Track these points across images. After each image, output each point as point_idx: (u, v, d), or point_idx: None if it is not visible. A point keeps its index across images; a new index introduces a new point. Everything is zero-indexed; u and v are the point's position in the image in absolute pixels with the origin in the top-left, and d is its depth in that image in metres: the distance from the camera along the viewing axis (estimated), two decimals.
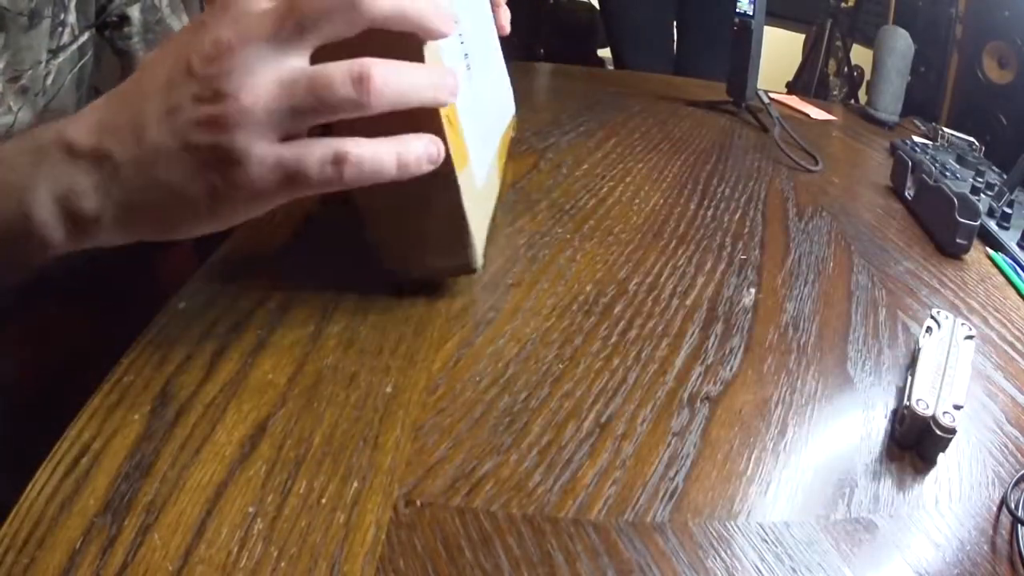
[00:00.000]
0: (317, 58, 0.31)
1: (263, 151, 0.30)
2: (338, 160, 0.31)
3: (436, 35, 0.34)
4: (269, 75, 0.30)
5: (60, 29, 0.60)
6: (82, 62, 0.66)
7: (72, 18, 0.62)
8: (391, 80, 0.31)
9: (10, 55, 0.55)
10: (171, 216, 0.31)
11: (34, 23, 0.55)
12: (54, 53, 0.61)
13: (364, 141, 0.32)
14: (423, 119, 0.35)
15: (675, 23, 1.74)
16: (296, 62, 0.30)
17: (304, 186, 0.31)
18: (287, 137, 0.31)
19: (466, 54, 0.45)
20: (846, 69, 1.80)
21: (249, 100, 0.29)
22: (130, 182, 0.30)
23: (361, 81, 0.30)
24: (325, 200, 0.52)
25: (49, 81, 0.61)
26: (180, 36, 0.31)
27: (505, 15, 0.58)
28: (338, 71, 0.30)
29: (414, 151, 0.33)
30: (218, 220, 0.32)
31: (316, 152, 0.31)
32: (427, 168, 0.34)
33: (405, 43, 0.33)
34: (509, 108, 0.62)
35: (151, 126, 0.30)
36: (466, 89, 0.43)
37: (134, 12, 0.71)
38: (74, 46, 0.64)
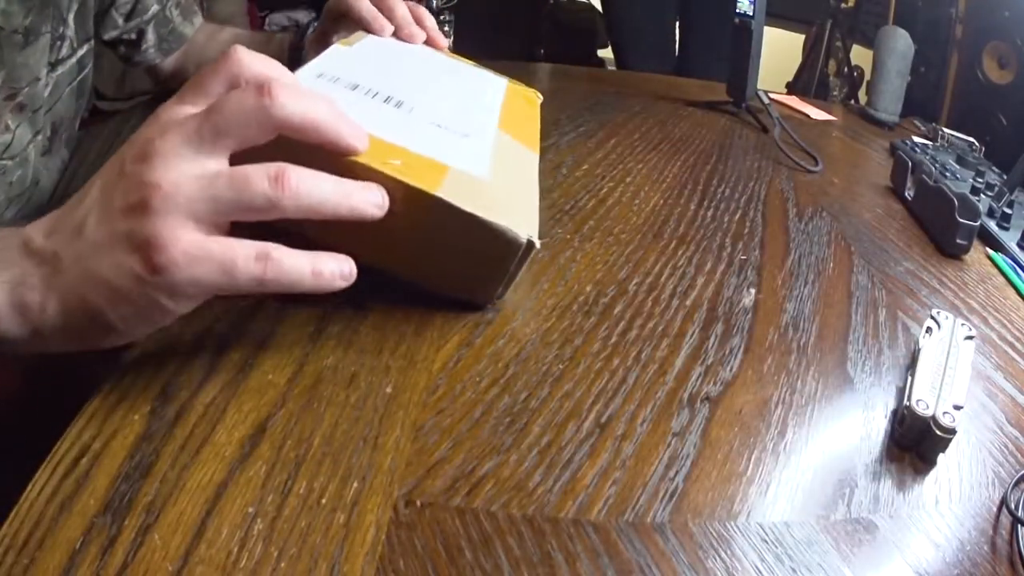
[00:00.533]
0: (246, 161, 0.33)
1: (185, 237, 0.31)
2: (260, 257, 0.32)
3: (348, 151, 0.36)
4: (190, 169, 0.31)
5: (59, 43, 0.60)
6: (82, 75, 0.66)
7: (71, 32, 0.62)
8: (305, 183, 0.33)
9: (6, 73, 0.54)
10: (106, 313, 0.32)
11: (30, 40, 0.55)
12: (53, 66, 0.61)
13: (285, 248, 0.33)
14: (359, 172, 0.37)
15: (677, 25, 1.74)
16: (214, 164, 0.32)
17: (228, 277, 0.32)
18: (210, 231, 0.32)
19: (388, 98, 0.46)
20: (846, 69, 1.80)
21: (171, 188, 0.31)
22: (70, 273, 0.32)
23: (277, 179, 0.32)
24: None
25: (47, 93, 0.61)
26: (122, 148, 0.34)
27: (435, 35, 0.62)
28: (256, 169, 0.32)
29: (327, 268, 0.35)
30: (158, 315, 0.33)
31: (241, 247, 0.32)
32: (340, 284, 0.35)
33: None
34: (492, 87, 0.61)
35: (89, 223, 0.32)
36: (404, 122, 0.44)
37: (149, 29, 0.71)
38: (73, 59, 0.63)
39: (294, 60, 0.70)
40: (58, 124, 0.65)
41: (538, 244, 0.41)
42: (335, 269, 0.35)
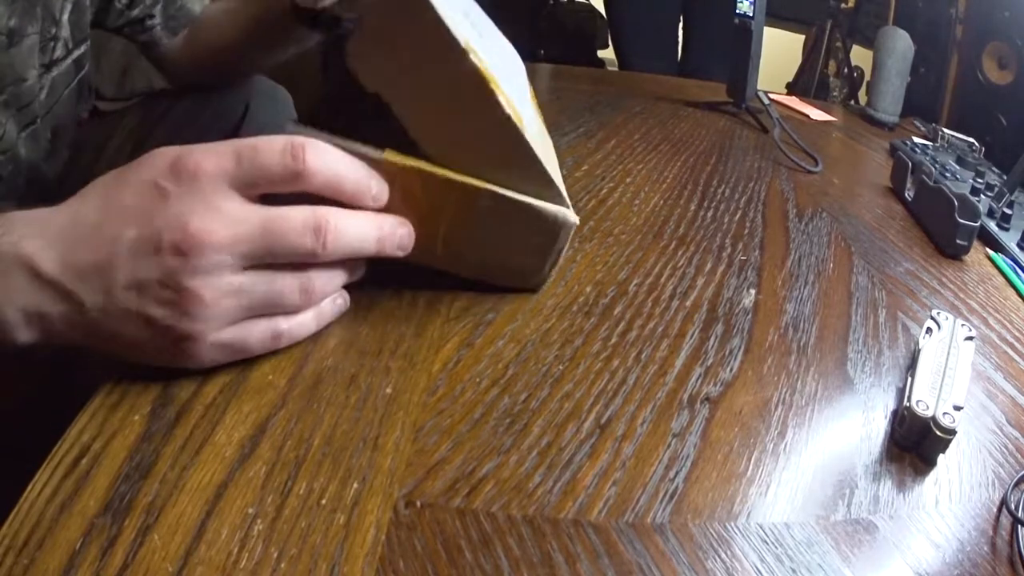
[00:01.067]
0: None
1: (212, 338, 0.34)
2: (275, 336, 0.36)
3: (368, 206, 0.38)
4: (228, 278, 0.33)
5: (52, 44, 0.60)
6: (80, 75, 0.66)
7: (65, 32, 0.61)
8: (326, 289, 0.38)
9: None
10: (131, 353, 0.34)
11: (15, 42, 0.55)
12: (47, 68, 0.60)
13: (294, 319, 0.37)
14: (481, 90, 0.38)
15: (680, 27, 1.74)
16: (252, 276, 0.34)
17: (243, 355, 0.36)
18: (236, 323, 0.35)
19: (466, 13, 0.45)
20: (846, 70, 1.80)
21: (210, 298, 0.33)
22: (95, 325, 0.33)
23: (306, 292, 0.36)
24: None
25: (43, 95, 0.61)
26: (144, 190, 0.33)
27: None
28: (289, 284, 0.36)
29: (328, 310, 0.39)
30: (168, 363, 0.35)
31: (256, 333, 0.36)
32: (337, 315, 0.40)
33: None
34: (519, 63, 0.60)
35: (118, 288, 0.32)
36: (488, 49, 0.43)
37: (156, 10, 0.70)
38: (68, 60, 0.63)
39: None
40: (59, 127, 0.65)
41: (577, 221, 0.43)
42: (333, 308, 0.39)
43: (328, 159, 0.35)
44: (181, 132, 0.74)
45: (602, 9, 2.01)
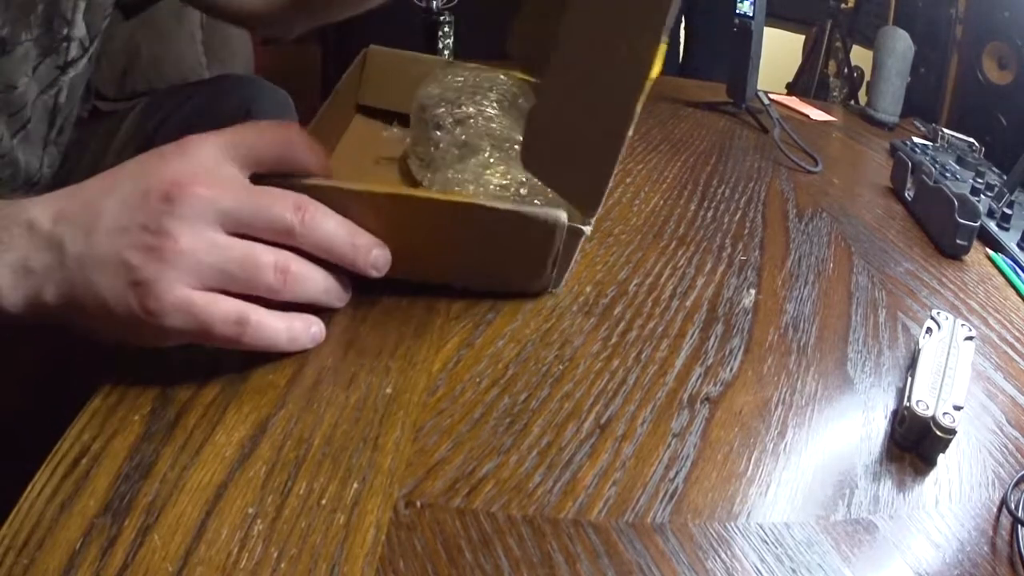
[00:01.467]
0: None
1: (179, 292, 0.33)
2: (240, 321, 0.34)
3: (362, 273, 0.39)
4: (210, 235, 0.34)
5: (66, 45, 0.60)
6: (91, 73, 0.66)
7: (80, 32, 0.61)
8: (303, 281, 0.37)
9: None
10: (96, 320, 0.33)
11: (7, 50, 0.55)
12: (63, 69, 0.60)
13: (264, 311, 0.35)
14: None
15: (682, 29, 1.74)
16: (233, 240, 0.35)
17: (206, 335, 0.34)
18: (205, 289, 0.34)
19: None
20: (846, 70, 1.80)
21: (187, 247, 0.33)
22: (71, 274, 0.33)
23: (283, 272, 0.35)
24: None
25: (63, 98, 0.61)
26: (145, 159, 0.35)
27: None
28: (266, 255, 0.35)
29: (300, 331, 0.38)
30: (136, 339, 0.34)
31: (222, 307, 0.34)
32: (310, 345, 0.38)
33: None
34: None
35: (100, 232, 0.33)
36: None
37: None
38: (84, 59, 0.63)
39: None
40: (64, 124, 0.65)
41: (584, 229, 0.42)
42: (308, 332, 0.38)
43: (328, 225, 0.37)
44: (182, 134, 0.74)
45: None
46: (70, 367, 0.49)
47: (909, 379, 0.39)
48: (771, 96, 0.94)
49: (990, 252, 0.62)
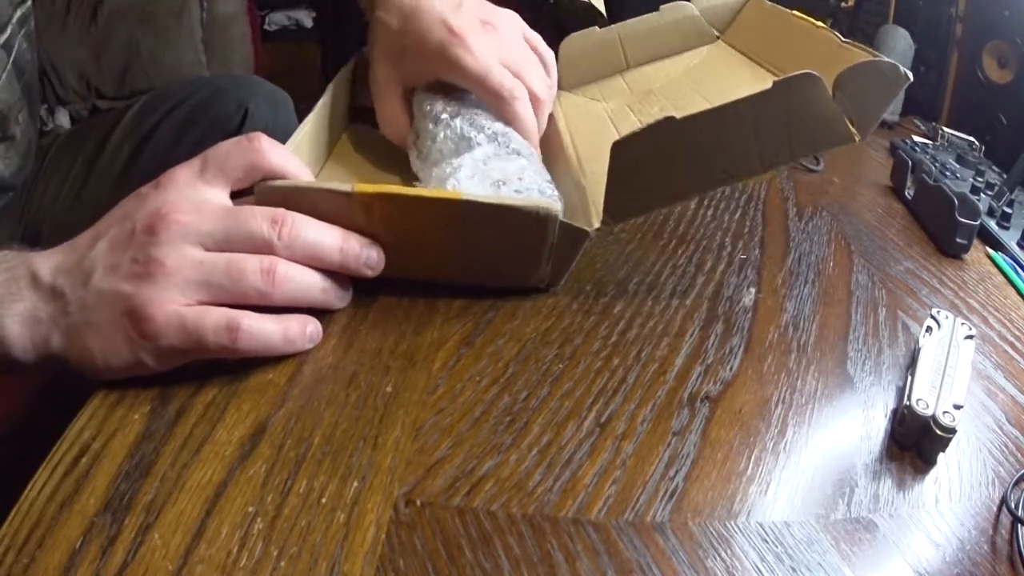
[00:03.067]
0: None
1: (169, 309, 0.34)
2: (231, 328, 0.35)
3: (356, 275, 0.41)
4: (193, 254, 0.36)
5: None
6: (12, 56, 0.64)
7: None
8: (292, 280, 0.37)
9: None
10: (99, 358, 0.35)
11: None
12: None
13: (256, 316, 0.36)
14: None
15: None
16: (214, 256, 0.36)
17: (201, 348, 0.35)
18: (196, 304, 0.35)
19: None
20: None
21: (173, 268, 0.35)
22: (74, 317, 0.35)
23: (268, 273, 0.36)
24: None
25: None
26: (126, 203, 0.38)
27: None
28: (251, 262, 0.36)
29: (296, 332, 0.38)
30: (139, 368, 0.35)
31: (212, 317, 0.35)
32: (309, 345, 0.39)
33: None
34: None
35: (96, 274, 0.35)
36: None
37: None
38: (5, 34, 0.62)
39: None
40: (4, 109, 0.64)
41: (561, 215, 0.42)
42: (303, 332, 0.38)
43: (310, 235, 0.38)
44: (181, 134, 0.74)
45: (602, 8, 2.01)
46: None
47: (909, 378, 0.39)
48: None
49: (990, 251, 0.62)
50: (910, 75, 0.44)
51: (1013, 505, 0.34)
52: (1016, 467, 0.37)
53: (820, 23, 0.56)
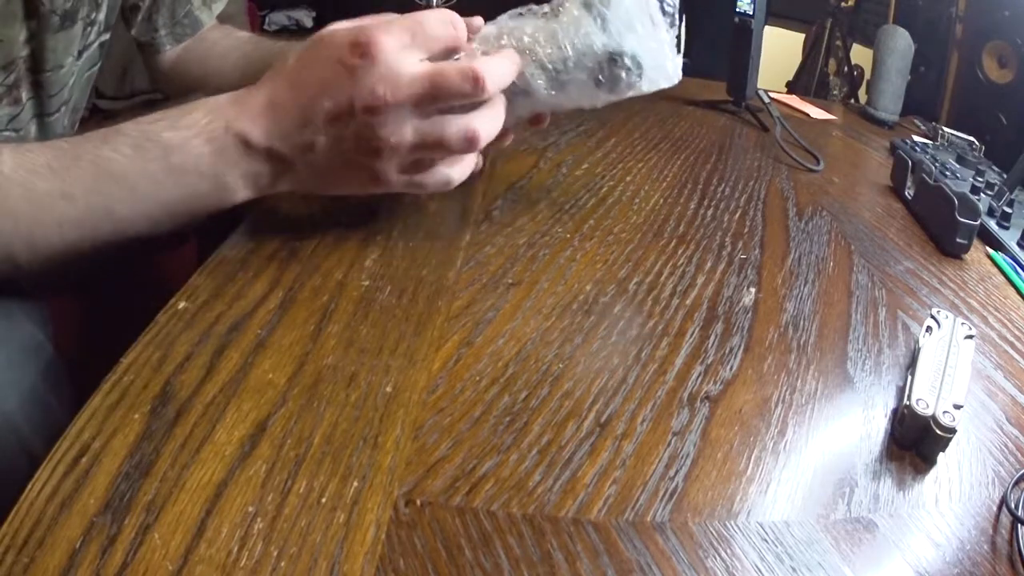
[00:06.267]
0: None
1: (399, 160, 0.44)
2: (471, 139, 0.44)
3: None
4: (413, 127, 0.42)
5: (89, 29, 0.59)
6: (95, 67, 0.65)
7: (102, 16, 0.60)
8: (493, 77, 0.43)
9: (36, 46, 0.53)
10: (337, 185, 0.46)
11: (65, 26, 0.54)
12: (79, 54, 0.60)
13: (457, 161, 0.47)
14: None
15: (683, 28, 1.74)
16: (428, 121, 0.43)
17: (424, 181, 0.46)
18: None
19: None
20: (846, 69, 1.80)
21: (397, 145, 0.43)
22: (303, 173, 0.44)
23: (476, 79, 0.42)
24: (326, 201, 0.52)
25: (71, 81, 0.60)
26: (333, 71, 0.42)
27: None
28: (453, 128, 0.43)
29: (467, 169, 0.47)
30: (374, 189, 0.46)
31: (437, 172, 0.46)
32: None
33: None
34: None
35: (319, 146, 0.42)
36: None
37: (163, 6, 0.69)
38: (95, 44, 0.62)
39: None
40: (75, 118, 0.65)
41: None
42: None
43: (501, 82, 0.45)
44: None
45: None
46: (71, 365, 0.49)
47: (909, 378, 0.39)
48: (771, 95, 0.94)
49: (990, 251, 0.62)
50: None
51: (1013, 505, 0.34)
52: (1016, 467, 0.37)
53: None
